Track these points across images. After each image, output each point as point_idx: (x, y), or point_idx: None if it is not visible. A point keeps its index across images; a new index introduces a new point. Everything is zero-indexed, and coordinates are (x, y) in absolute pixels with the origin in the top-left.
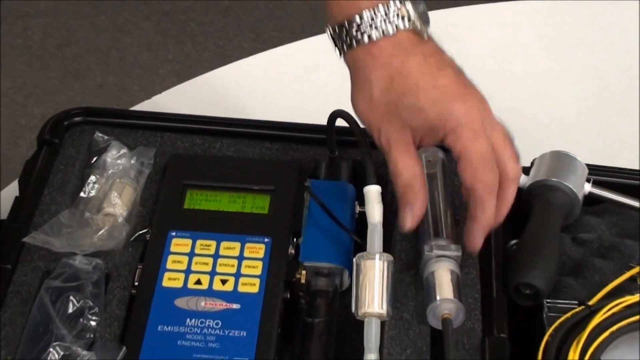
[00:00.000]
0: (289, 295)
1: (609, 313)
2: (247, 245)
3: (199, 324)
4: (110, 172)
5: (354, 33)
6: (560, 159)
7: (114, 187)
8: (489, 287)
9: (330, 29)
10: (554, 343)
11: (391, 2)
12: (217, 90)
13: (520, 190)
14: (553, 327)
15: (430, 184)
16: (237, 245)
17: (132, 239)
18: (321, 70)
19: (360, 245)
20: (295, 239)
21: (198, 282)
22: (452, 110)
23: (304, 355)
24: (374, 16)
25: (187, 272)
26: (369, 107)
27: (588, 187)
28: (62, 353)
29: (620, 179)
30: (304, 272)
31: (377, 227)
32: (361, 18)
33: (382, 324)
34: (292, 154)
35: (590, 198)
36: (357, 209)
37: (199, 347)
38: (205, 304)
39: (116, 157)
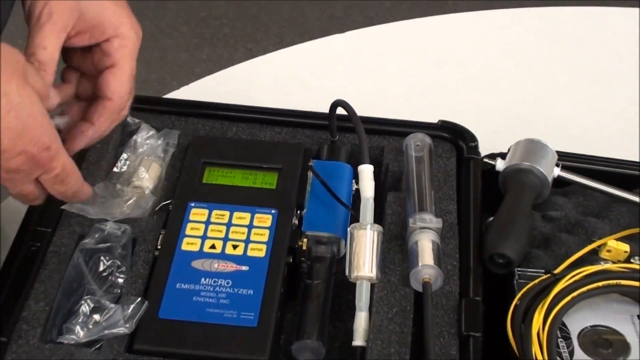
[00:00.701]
0: (291, 260)
1: (571, 280)
2: (257, 215)
3: (212, 282)
4: (139, 150)
5: None
6: (533, 146)
7: (142, 164)
8: (467, 256)
9: None
10: (522, 306)
11: None
12: (235, 83)
13: (497, 173)
14: (522, 292)
15: (418, 165)
16: (248, 215)
17: (156, 209)
18: (325, 66)
19: (355, 217)
20: (299, 211)
21: (212, 246)
22: (129, 22)
23: (304, 313)
24: None
25: (203, 237)
26: None
27: (557, 171)
28: (92, 305)
29: (586, 164)
30: (305, 240)
31: (369, 202)
32: None
33: (372, 286)
34: (298, 137)
35: (559, 180)
36: (354, 186)
37: (212, 303)
38: (218, 266)
39: (145, 137)
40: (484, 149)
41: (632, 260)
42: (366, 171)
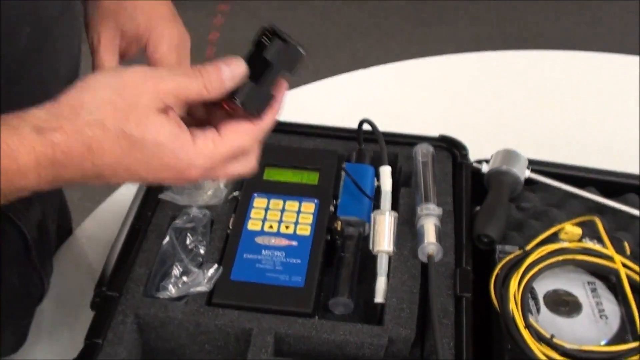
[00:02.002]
0: (329, 237)
1: (538, 255)
2: (303, 204)
3: (270, 254)
4: None
5: None
6: (509, 154)
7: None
8: (460, 235)
9: None
10: (501, 274)
11: None
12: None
13: (483, 174)
14: (501, 263)
15: (424, 167)
16: (297, 204)
17: (229, 198)
18: (353, 93)
19: (376, 206)
20: (334, 201)
21: (270, 227)
22: (163, 24)
23: (338, 277)
24: None
25: (264, 220)
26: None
27: (528, 173)
28: (181, 270)
29: (549, 168)
30: (339, 222)
31: (387, 194)
32: None
33: (389, 258)
34: (334, 146)
35: (529, 180)
36: (376, 182)
37: (270, 269)
38: (274, 241)
39: None
40: (473, 156)
41: (583, 240)
42: (385, 171)
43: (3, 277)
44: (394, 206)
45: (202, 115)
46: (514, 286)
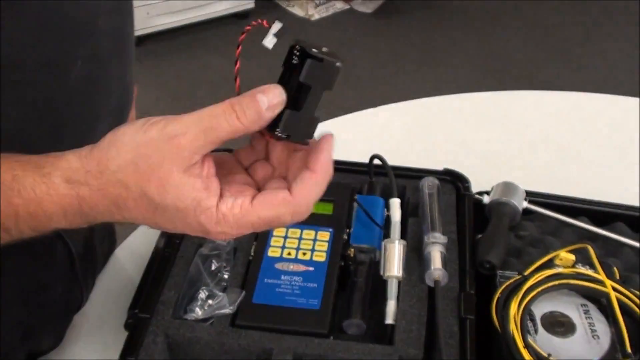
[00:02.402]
0: (343, 263)
1: (536, 280)
2: (319, 232)
3: (289, 278)
4: None
5: None
6: (508, 186)
7: None
8: (464, 262)
9: None
10: (502, 298)
11: None
12: None
13: (484, 205)
14: (502, 287)
15: (430, 199)
16: (313, 232)
17: None
18: (363, 130)
19: (387, 235)
20: (347, 230)
21: (289, 253)
22: None
23: (351, 300)
24: None
25: (283, 247)
26: None
27: (525, 204)
28: (207, 293)
29: (545, 199)
30: (352, 249)
31: (397, 224)
32: None
33: (399, 282)
34: (347, 179)
35: (526, 210)
36: (385, 213)
37: (288, 292)
38: (292, 267)
39: None
40: (475, 187)
41: (577, 266)
42: (395, 203)
43: (48, 285)
44: (403, 235)
45: (262, 148)
46: (513, 308)
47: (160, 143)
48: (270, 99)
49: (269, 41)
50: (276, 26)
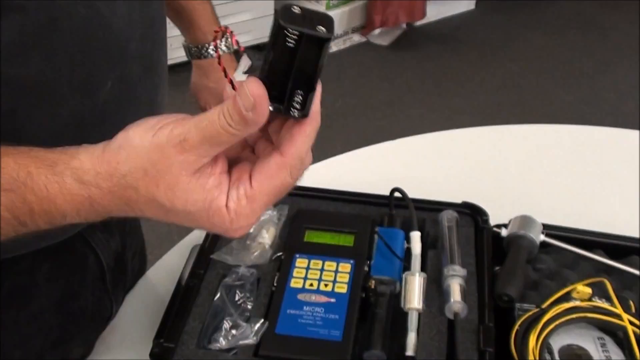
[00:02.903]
0: (364, 295)
1: (554, 313)
2: (340, 264)
3: (311, 309)
4: (262, 219)
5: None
6: (526, 220)
7: (264, 227)
8: (483, 294)
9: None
10: (520, 330)
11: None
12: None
13: (502, 238)
14: (520, 320)
15: (449, 231)
16: (334, 264)
17: (273, 258)
18: (384, 164)
19: (407, 267)
20: (368, 261)
21: (311, 284)
22: None
23: (372, 331)
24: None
25: (305, 278)
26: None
27: (542, 237)
28: (230, 324)
29: (561, 232)
30: (373, 281)
31: (417, 257)
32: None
33: (419, 315)
34: (368, 211)
35: (543, 243)
36: (405, 245)
37: (311, 324)
38: (315, 298)
39: (267, 210)
40: (493, 218)
41: (593, 299)
42: (415, 236)
43: (79, 294)
44: (423, 267)
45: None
46: (532, 341)
47: (168, 148)
48: (245, 104)
49: (239, 77)
50: (244, 63)
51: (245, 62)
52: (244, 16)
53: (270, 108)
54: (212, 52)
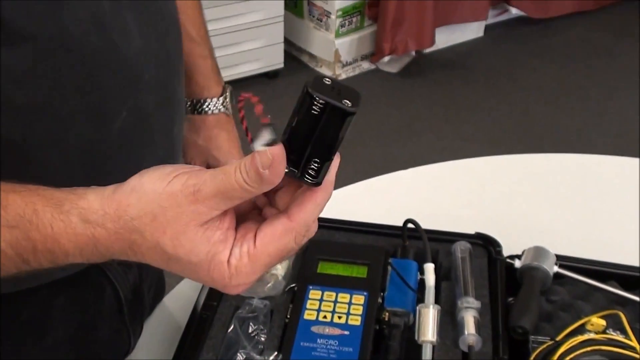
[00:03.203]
0: (377, 327)
1: (569, 346)
2: (354, 296)
3: (324, 342)
4: None
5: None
6: (539, 251)
7: None
8: (497, 327)
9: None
10: None
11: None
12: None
13: (515, 269)
14: (535, 353)
15: (463, 263)
16: (348, 296)
17: (286, 289)
18: (397, 193)
19: (420, 298)
20: (382, 293)
21: (324, 316)
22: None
23: None
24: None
25: (318, 310)
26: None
27: (556, 268)
28: (244, 356)
29: (575, 264)
30: (387, 313)
31: (431, 289)
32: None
33: (433, 347)
34: (381, 242)
35: (557, 274)
36: (419, 276)
37: (325, 357)
38: (328, 330)
39: None
40: (506, 249)
41: (608, 332)
42: (429, 268)
43: (96, 326)
44: (436, 299)
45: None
46: None
47: (181, 197)
48: (262, 161)
49: (257, 148)
50: (265, 137)
51: (266, 135)
52: (253, 44)
53: (286, 170)
54: (206, 108)
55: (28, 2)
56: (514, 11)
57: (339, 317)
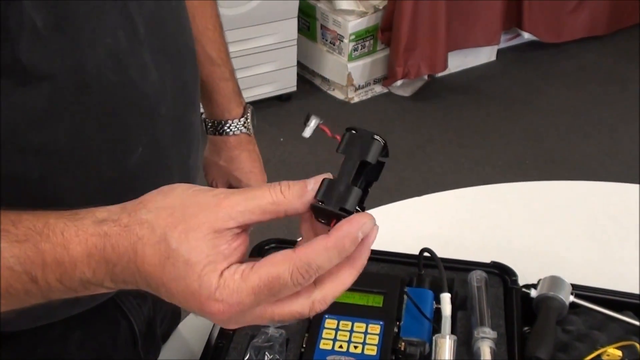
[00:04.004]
0: (393, 357)
1: None
2: (370, 325)
3: None
4: None
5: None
6: (555, 280)
7: None
8: (513, 357)
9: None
10: None
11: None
12: None
13: (531, 298)
14: None
15: (479, 292)
16: (364, 325)
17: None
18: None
19: (436, 328)
20: (398, 322)
21: (340, 346)
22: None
23: None
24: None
25: (334, 340)
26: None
27: (572, 298)
28: None
29: (591, 293)
30: (403, 342)
31: (447, 319)
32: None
33: None
34: (397, 270)
35: (573, 304)
36: (434, 305)
37: None
38: None
39: None
40: (521, 278)
41: None
42: (446, 298)
43: None
44: (452, 328)
45: None
46: None
47: (206, 198)
48: (316, 180)
49: (307, 133)
50: (312, 121)
51: (315, 119)
52: (267, 67)
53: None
54: (227, 130)
55: (44, 40)
56: (526, 36)
57: (355, 347)
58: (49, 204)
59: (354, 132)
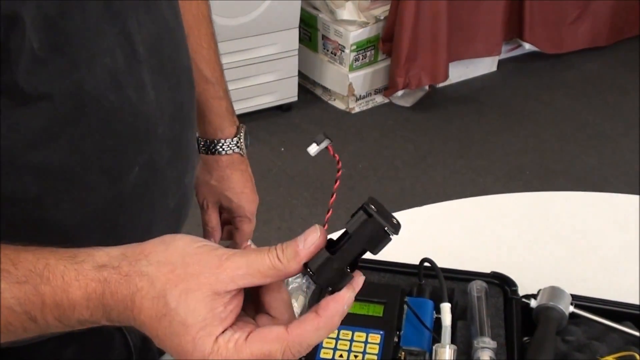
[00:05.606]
0: None
1: None
2: (370, 334)
3: None
4: (290, 287)
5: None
6: (555, 291)
7: (292, 296)
8: None
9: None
10: None
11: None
12: None
13: (531, 308)
14: None
15: (478, 302)
16: (364, 334)
17: None
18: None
19: (436, 337)
20: (398, 332)
21: (341, 356)
22: (249, 207)
23: None
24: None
25: (335, 349)
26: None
27: (571, 308)
28: None
29: (590, 303)
30: (403, 352)
31: (447, 328)
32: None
33: None
34: (397, 280)
35: (573, 314)
36: (434, 315)
37: None
38: None
39: (294, 278)
40: (521, 288)
41: None
42: (446, 308)
43: None
44: (452, 338)
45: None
46: None
47: (208, 258)
48: (305, 236)
49: (314, 151)
50: (323, 142)
51: (324, 141)
52: (268, 77)
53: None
54: (219, 149)
55: (43, 61)
56: (527, 46)
57: (355, 356)
58: (46, 223)
59: (369, 213)
